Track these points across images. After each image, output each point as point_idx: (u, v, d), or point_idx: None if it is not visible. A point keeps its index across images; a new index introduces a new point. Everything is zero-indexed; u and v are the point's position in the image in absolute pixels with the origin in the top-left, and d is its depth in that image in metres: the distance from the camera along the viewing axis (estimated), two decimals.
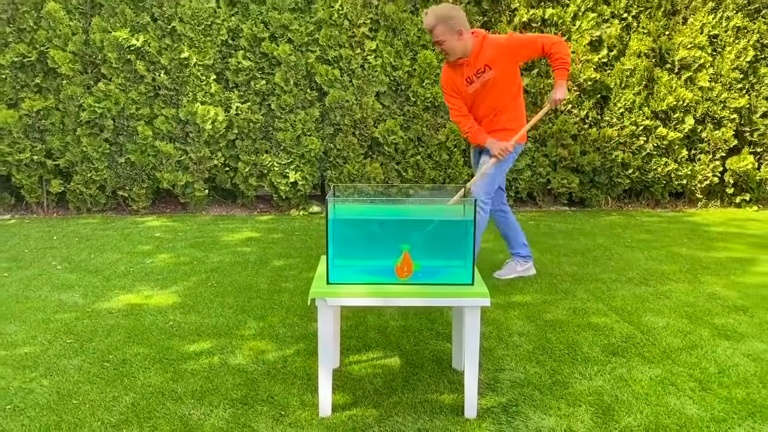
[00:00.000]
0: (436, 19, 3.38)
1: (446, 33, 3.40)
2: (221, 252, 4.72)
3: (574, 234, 5.33)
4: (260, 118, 5.83)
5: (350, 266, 2.40)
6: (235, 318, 3.41)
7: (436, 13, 3.39)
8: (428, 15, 3.40)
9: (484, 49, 3.52)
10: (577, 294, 3.81)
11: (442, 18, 3.38)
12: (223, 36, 5.72)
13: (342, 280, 2.36)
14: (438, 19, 3.37)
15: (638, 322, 3.37)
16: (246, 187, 6.00)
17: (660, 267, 4.36)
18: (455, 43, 3.44)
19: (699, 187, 6.35)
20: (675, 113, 6.10)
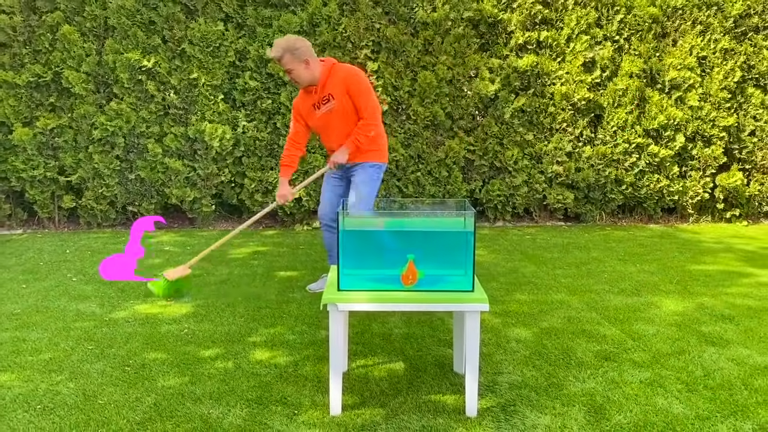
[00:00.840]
0: (282, 50, 3.58)
1: (293, 62, 3.60)
2: (230, 265, 4.89)
3: (569, 248, 5.53)
4: (266, 136, 6.04)
5: (359, 274, 2.58)
6: (246, 326, 3.59)
7: (281, 44, 3.59)
8: (274, 46, 3.59)
9: (330, 77, 3.72)
10: (571, 304, 3.99)
11: (288, 48, 3.58)
12: (230, 57, 5.95)
13: (352, 287, 2.54)
14: (284, 49, 3.58)
15: (629, 329, 3.55)
16: (252, 203, 6.19)
17: (651, 279, 4.55)
18: (302, 72, 3.65)
19: (690, 203, 6.56)
20: (666, 131, 6.32)
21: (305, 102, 3.83)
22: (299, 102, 3.87)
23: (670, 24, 6.30)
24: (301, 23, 5.93)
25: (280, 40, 3.62)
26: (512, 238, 5.92)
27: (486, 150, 6.27)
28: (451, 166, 6.23)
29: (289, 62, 3.61)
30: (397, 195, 6.27)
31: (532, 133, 6.30)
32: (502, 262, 5.02)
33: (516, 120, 6.25)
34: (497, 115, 6.23)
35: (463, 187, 6.29)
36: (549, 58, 6.22)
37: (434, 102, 6.10)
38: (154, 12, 5.86)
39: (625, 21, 6.23)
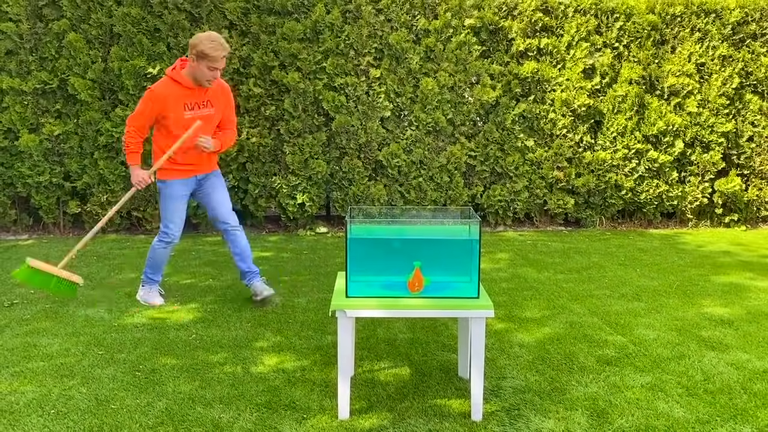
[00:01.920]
0: (227, 48, 3.72)
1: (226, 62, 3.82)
2: (234, 270, 4.94)
3: (570, 253, 5.59)
4: (270, 142, 6.10)
5: (367, 281, 2.64)
6: (254, 331, 3.64)
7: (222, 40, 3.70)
8: (225, 43, 3.67)
9: (216, 86, 3.82)
10: (573, 309, 4.05)
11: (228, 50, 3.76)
12: (235, 64, 6.01)
13: (360, 294, 2.60)
14: (226, 46, 3.71)
15: (630, 334, 3.61)
16: (255, 208, 6.25)
17: (652, 284, 4.61)
18: None
19: (689, 208, 6.63)
20: (665, 137, 6.39)
21: (176, 98, 3.71)
22: (170, 94, 3.71)
23: (669, 31, 6.37)
24: (304, 30, 5.99)
25: (222, 37, 3.70)
26: (513, 243, 5.98)
27: (487, 156, 6.34)
28: (453, 172, 6.29)
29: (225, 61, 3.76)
30: (399, 200, 6.33)
31: (533, 139, 6.37)
32: (504, 267, 5.08)
33: (517, 126, 6.32)
34: (498, 121, 6.30)
35: (465, 193, 6.35)
36: (549, 65, 6.29)
37: (436, 108, 6.17)
38: (159, 20, 5.92)
39: (624, 28, 6.30)
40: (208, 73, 3.66)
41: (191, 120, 3.74)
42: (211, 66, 3.64)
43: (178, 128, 3.75)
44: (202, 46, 3.58)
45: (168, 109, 3.71)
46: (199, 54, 3.61)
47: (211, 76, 3.68)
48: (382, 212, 3.24)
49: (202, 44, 3.59)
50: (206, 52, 3.59)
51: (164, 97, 3.71)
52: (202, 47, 3.58)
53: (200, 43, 3.60)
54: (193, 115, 3.75)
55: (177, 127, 3.75)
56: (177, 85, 3.73)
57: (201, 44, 3.59)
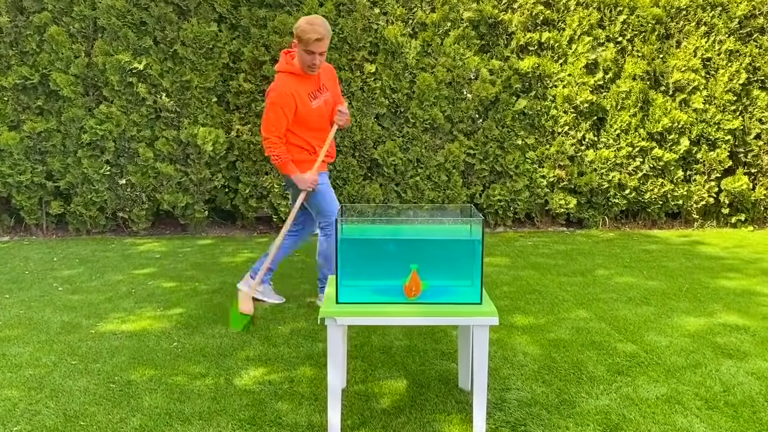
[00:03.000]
0: (328, 30, 3.45)
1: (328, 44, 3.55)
2: (222, 274, 4.72)
3: (574, 254, 5.37)
4: (261, 140, 5.87)
5: (359, 286, 2.42)
6: (239, 339, 3.41)
7: (326, 25, 3.45)
8: (320, 25, 3.40)
9: (324, 68, 3.68)
10: (579, 314, 3.83)
11: (330, 30, 3.51)
12: (224, 59, 5.78)
13: (351, 299, 2.37)
14: (329, 30, 3.48)
15: (641, 341, 3.39)
16: (246, 209, 6.02)
17: (660, 287, 4.39)
18: None
19: (695, 208, 6.42)
20: (670, 135, 6.18)
21: (301, 90, 3.53)
22: (293, 89, 3.50)
23: (673, 25, 6.17)
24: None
25: (320, 19, 3.43)
26: (514, 245, 5.76)
27: (486, 154, 6.12)
28: (451, 171, 6.07)
29: (328, 44, 3.48)
30: (396, 200, 6.11)
31: (534, 137, 6.16)
32: (504, 270, 4.86)
33: (517, 123, 6.10)
34: (498, 118, 6.08)
35: (463, 192, 6.13)
36: (551, 60, 6.08)
37: (433, 105, 5.95)
38: (146, 12, 5.69)
39: (628, 22, 6.10)
40: (307, 58, 3.44)
41: (320, 109, 3.61)
42: (308, 50, 3.41)
43: (309, 120, 3.59)
44: (297, 30, 3.43)
45: (298, 103, 3.53)
46: (296, 39, 3.45)
47: (310, 61, 3.45)
48: (377, 211, 3.01)
49: (298, 28, 3.43)
50: (299, 36, 3.41)
51: (290, 93, 3.50)
52: (297, 31, 3.43)
53: (297, 26, 3.44)
54: (318, 104, 3.60)
55: (309, 119, 3.59)
56: (294, 77, 3.54)
57: (297, 28, 3.43)
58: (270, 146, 3.55)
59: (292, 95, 3.49)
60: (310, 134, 3.63)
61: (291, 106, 3.50)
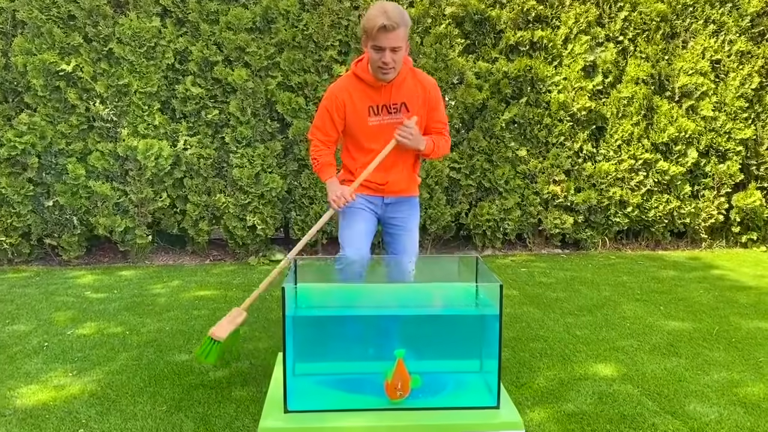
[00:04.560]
0: (401, 17, 2.53)
1: (405, 39, 2.58)
2: (161, 317, 3.89)
3: (575, 284, 4.66)
4: (212, 153, 5.06)
5: (319, 383, 1.65)
6: (169, 420, 2.60)
7: (398, 10, 2.54)
8: (390, 11, 2.50)
9: (408, 80, 2.72)
10: (598, 371, 3.10)
11: (407, 19, 2.57)
12: (169, 59, 4.96)
13: (307, 406, 1.60)
14: (404, 19, 2.55)
15: (683, 413, 2.67)
16: (196, 233, 5.19)
17: (684, 328, 3.70)
18: (402, 57, 2.62)
19: (703, 226, 5.77)
20: (677, 146, 5.53)
21: (359, 98, 2.71)
22: (348, 92, 2.72)
23: (680, 23, 5.52)
24: (253, 19, 4.97)
25: (392, 5, 2.55)
26: (506, 271, 5.03)
27: (473, 168, 5.39)
28: (434, 187, 5.33)
29: (403, 37, 2.55)
30: None
31: (526, 149, 5.45)
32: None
33: (507, 133, 5.39)
34: (485, 127, 5.36)
35: (447, 212, 5.39)
36: (544, 62, 5.38)
37: None
38: (74, 4, 4.84)
39: (629, 19, 5.43)
40: (374, 56, 2.57)
41: (377, 128, 2.72)
42: (375, 45, 2.54)
43: (359, 137, 2.76)
44: (363, 19, 2.58)
45: (348, 111, 2.72)
46: (362, 31, 2.60)
47: (379, 60, 2.56)
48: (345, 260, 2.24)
49: (364, 15, 2.60)
50: (364, 25, 2.57)
51: (339, 96, 2.72)
52: (363, 20, 2.58)
53: (363, 19, 2.59)
54: (380, 122, 2.72)
55: (359, 135, 2.76)
56: (357, 81, 2.71)
57: (363, 17, 2.59)
58: (311, 149, 2.86)
59: (342, 98, 2.72)
60: (360, 154, 2.79)
61: (340, 110, 2.73)
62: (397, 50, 2.53)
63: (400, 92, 2.70)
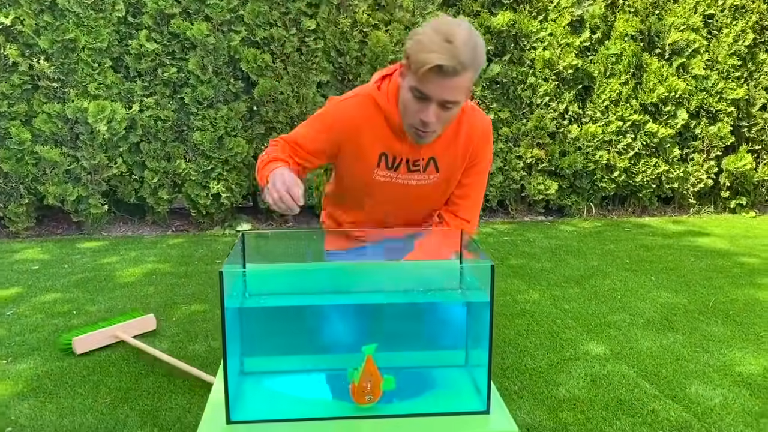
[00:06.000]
0: (474, 57, 1.44)
1: (469, 88, 1.51)
2: (113, 293, 3.56)
3: (560, 253, 4.40)
4: (171, 114, 4.65)
5: (271, 388, 1.35)
6: (111, 415, 2.30)
7: (476, 43, 1.44)
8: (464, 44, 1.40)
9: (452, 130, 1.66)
10: (590, 349, 2.85)
11: (480, 59, 1.47)
12: (119, 12, 4.51)
13: (253, 415, 1.30)
14: (477, 59, 1.45)
15: (684, 396, 2.44)
16: (156, 202, 4.81)
17: (679, 301, 3.46)
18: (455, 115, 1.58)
19: (692, 191, 5.54)
20: (666, 106, 5.25)
21: (370, 138, 1.66)
22: (353, 130, 1.67)
23: None
24: None
25: (462, 31, 1.42)
26: (488, 240, 4.76)
27: None
28: None
29: (466, 87, 1.49)
30: None
31: (508, 110, 5.13)
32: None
33: (488, 93, 5.06)
34: None
35: None
36: (528, 16, 5.03)
37: None
38: None
39: None
40: (411, 106, 1.52)
41: (385, 186, 1.70)
42: (418, 90, 1.48)
43: (361, 191, 1.75)
44: (409, 42, 1.49)
45: (348, 150, 1.69)
46: (405, 57, 1.51)
47: (417, 114, 1.52)
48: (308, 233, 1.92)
49: (412, 38, 1.48)
50: (408, 54, 1.48)
51: (345, 127, 1.67)
52: (409, 44, 1.48)
53: (412, 35, 1.49)
54: (390, 180, 1.70)
55: (360, 189, 1.75)
56: (377, 111, 1.64)
57: (411, 37, 1.49)
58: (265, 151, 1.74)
59: (348, 132, 1.66)
60: (352, 207, 1.83)
61: (336, 144, 1.69)
62: (449, 106, 1.50)
63: (433, 146, 1.66)
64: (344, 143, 1.67)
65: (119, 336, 2.83)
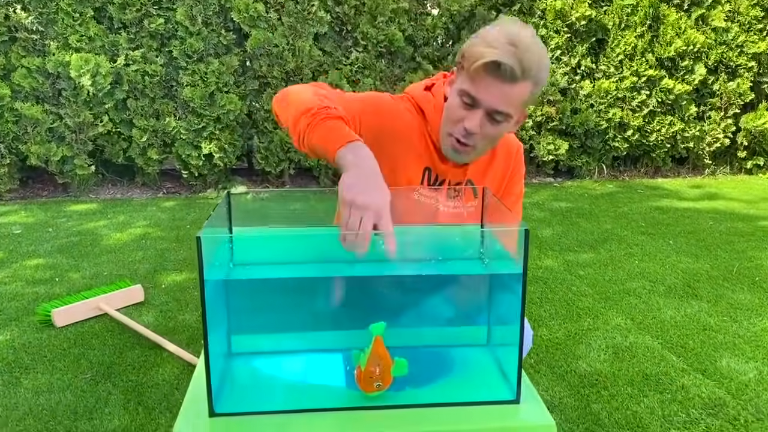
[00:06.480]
0: (539, 68, 1.20)
1: (526, 105, 1.26)
2: (99, 259, 3.34)
3: (572, 216, 4.19)
4: (159, 69, 4.37)
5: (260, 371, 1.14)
6: (92, 392, 2.11)
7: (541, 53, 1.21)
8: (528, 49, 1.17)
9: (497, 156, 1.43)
10: (609, 318, 2.65)
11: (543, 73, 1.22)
12: None
13: (241, 406, 1.09)
14: (540, 72, 1.21)
15: (714, 370, 2.25)
16: (145, 163, 4.56)
17: (700, 267, 3.26)
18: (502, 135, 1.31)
19: (707, 151, 5.30)
20: (683, 61, 4.96)
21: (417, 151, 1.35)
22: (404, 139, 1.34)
23: None
24: None
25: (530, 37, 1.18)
26: None
27: None
28: None
29: (522, 101, 1.23)
30: None
31: None
32: None
33: None
34: None
35: None
36: None
37: (390, 21, 4.53)
38: None
39: None
40: (454, 112, 1.26)
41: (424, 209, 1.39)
42: (466, 93, 1.22)
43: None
44: (466, 42, 1.24)
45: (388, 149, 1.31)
46: (460, 56, 1.25)
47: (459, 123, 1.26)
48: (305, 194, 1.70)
49: (471, 38, 1.23)
50: (465, 49, 1.22)
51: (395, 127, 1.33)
52: (465, 44, 1.24)
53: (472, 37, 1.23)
54: (427, 199, 1.38)
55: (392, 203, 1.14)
56: (422, 122, 1.36)
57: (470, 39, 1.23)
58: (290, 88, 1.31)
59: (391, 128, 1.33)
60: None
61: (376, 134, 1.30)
62: (498, 119, 1.23)
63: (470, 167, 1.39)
64: (385, 141, 1.28)
65: (102, 308, 2.63)
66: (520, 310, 1.09)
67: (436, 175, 1.37)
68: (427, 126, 1.34)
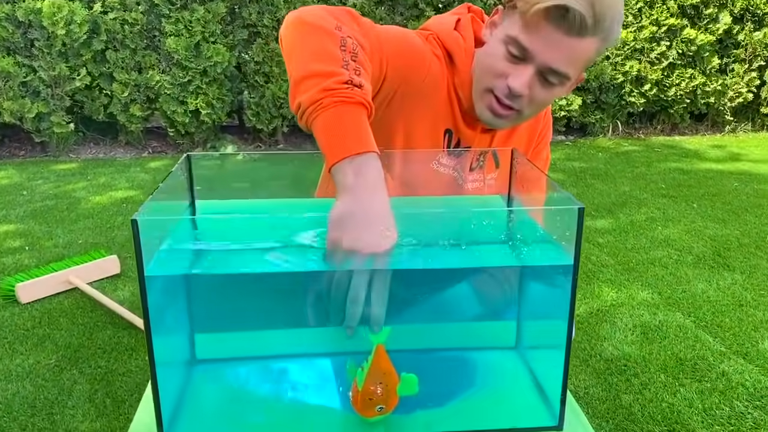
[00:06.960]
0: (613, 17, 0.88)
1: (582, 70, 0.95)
2: (75, 225, 3.07)
3: (587, 177, 3.90)
4: (140, 17, 4.01)
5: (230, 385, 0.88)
6: (56, 380, 1.86)
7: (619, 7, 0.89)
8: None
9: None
10: (633, 292, 2.40)
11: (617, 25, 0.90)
12: None
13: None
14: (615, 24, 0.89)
15: (757, 354, 2.00)
16: (128, 120, 4.24)
17: (730, 233, 2.99)
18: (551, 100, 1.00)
19: (729, 107, 4.97)
20: (707, 8, 4.60)
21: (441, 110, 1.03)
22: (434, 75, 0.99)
23: None
24: None
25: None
26: None
27: None
28: None
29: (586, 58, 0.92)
30: None
31: None
32: None
33: None
34: None
35: None
36: None
37: None
38: None
39: None
40: (497, 61, 0.94)
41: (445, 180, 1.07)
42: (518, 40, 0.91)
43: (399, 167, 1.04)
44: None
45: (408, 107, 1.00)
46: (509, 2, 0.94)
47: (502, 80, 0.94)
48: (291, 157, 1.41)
49: None
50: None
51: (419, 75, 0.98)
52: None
53: None
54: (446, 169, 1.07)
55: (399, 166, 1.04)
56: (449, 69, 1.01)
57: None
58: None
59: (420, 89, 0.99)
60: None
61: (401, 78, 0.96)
62: (552, 81, 0.94)
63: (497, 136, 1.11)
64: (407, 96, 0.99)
65: (72, 282, 2.37)
66: (569, 312, 0.83)
67: (458, 140, 1.07)
68: (455, 78, 1.02)
